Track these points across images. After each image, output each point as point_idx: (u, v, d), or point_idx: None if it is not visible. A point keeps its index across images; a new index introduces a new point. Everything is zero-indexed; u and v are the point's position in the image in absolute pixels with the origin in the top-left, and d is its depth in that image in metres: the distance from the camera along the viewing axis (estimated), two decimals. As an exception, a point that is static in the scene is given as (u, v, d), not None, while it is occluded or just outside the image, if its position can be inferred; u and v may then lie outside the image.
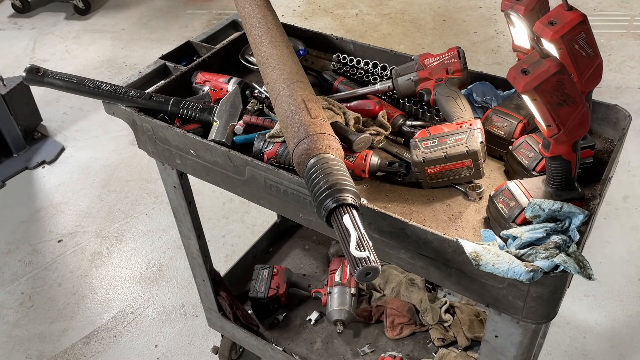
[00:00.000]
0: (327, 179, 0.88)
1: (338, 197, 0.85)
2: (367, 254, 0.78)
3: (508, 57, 3.40)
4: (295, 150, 0.97)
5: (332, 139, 0.98)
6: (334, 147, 0.97)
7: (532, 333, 0.96)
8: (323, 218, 0.87)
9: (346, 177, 0.90)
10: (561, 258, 0.81)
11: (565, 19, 0.91)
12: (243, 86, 1.31)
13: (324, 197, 0.86)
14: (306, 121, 0.99)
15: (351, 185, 0.88)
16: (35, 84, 1.24)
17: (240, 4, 1.30)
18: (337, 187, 0.87)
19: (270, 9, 1.30)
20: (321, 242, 2.00)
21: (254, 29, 1.24)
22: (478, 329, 1.63)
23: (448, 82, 1.15)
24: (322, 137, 0.96)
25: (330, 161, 0.92)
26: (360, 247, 0.79)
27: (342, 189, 0.86)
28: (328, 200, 0.86)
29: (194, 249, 1.53)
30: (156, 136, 1.24)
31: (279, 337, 1.70)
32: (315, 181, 0.90)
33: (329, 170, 0.90)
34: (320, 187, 0.88)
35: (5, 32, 4.15)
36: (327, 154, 0.95)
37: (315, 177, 0.90)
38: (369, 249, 0.79)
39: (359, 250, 0.79)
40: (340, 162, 0.94)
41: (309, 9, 4.19)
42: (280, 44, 1.19)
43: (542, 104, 0.87)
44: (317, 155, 0.94)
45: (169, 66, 1.42)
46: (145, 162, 2.80)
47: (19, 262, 2.34)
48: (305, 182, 0.94)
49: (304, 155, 0.95)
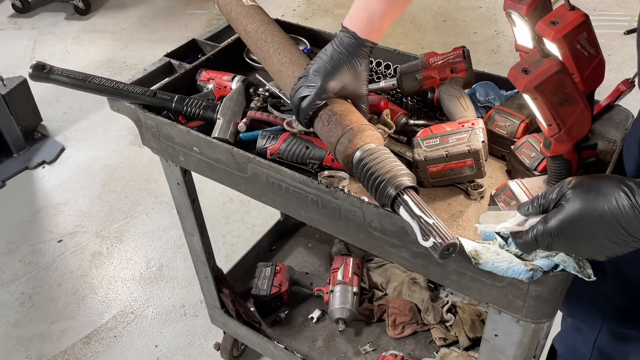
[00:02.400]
0: (380, 167, 0.90)
1: (397, 183, 0.86)
2: (432, 240, 0.78)
3: (508, 57, 3.40)
4: (338, 146, 0.98)
5: (372, 129, 1.00)
6: (376, 136, 0.99)
7: (531, 332, 0.96)
8: (388, 206, 0.89)
9: (397, 163, 0.91)
10: (561, 257, 0.81)
11: (567, 19, 0.91)
12: (247, 84, 1.32)
13: (383, 186, 0.88)
14: (342, 115, 1.01)
15: (404, 169, 0.90)
16: (41, 81, 1.25)
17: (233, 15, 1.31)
18: (393, 174, 0.88)
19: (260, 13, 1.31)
20: (324, 240, 2.00)
21: (253, 30, 1.25)
22: (480, 329, 1.63)
23: (452, 81, 1.15)
24: (363, 128, 0.98)
25: (377, 150, 0.94)
26: (425, 235, 0.79)
27: (399, 175, 0.88)
28: (388, 188, 0.87)
29: (197, 245, 1.53)
30: (160, 133, 1.24)
31: (280, 335, 1.70)
32: (369, 172, 0.91)
33: (380, 159, 0.91)
34: (377, 177, 0.89)
35: (5, 32, 4.14)
36: (372, 143, 0.96)
37: (368, 168, 0.91)
38: (435, 232, 0.78)
39: (425, 240, 0.79)
40: (386, 149, 0.95)
41: (309, 9, 4.19)
42: (280, 38, 1.21)
43: (542, 103, 0.87)
44: (361, 147, 0.95)
45: (173, 64, 1.43)
46: (146, 162, 2.80)
47: (19, 262, 2.34)
48: (357, 174, 0.96)
49: (349, 149, 0.96)
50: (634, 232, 0.68)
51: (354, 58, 1.01)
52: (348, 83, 1.03)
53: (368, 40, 1.00)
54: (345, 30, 1.02)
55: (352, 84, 1.03)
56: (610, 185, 0.70)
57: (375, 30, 1.00)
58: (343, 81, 1.02)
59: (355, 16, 1.00)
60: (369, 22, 0.99)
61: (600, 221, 0.69)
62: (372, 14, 0.99)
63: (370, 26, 1.00)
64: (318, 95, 1.01)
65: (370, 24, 0.99)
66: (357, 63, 1.02)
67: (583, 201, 0.71)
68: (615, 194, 0.68)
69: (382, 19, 1.00)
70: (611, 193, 0.69)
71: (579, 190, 0.72)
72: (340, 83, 1.02)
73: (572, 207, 0.71)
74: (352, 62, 1.01)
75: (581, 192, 0.72)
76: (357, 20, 1.00)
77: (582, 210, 0.70)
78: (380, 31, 1.01)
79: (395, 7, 1.00)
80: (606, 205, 0.68)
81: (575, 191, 0.72)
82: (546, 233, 0.74)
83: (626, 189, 0.68)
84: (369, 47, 1.01)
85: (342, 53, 1.01)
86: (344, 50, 1.01)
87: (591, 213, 0.70)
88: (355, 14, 1.00)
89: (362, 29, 1.00)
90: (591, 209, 0.70)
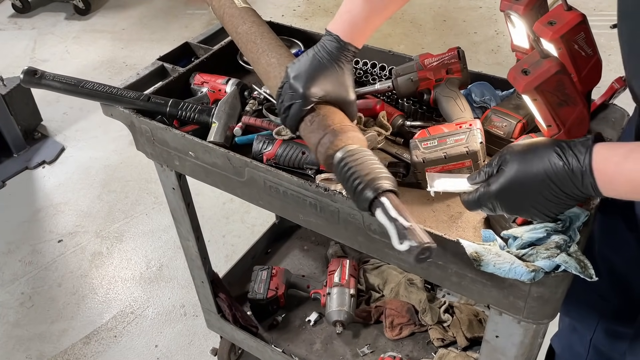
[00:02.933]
0: (360, 169, 0.88)
1: (375, 185, 0.85)
2: (408, 243, 0.77)
3: (508, 57, 3.40)
4: (319, 147, 0.96)
5: (355, 130, 0.98)
6: (358, 137, 0.96)
7: (533, 333, 0.96)
8: (366, 209, 0.87)
9: (378, 165, 0.89)
10: (562, 258, 0.81)
11: (564, 19, 0.91)
12: (242, 87, 1.31)
13: (361, 188, 0.86)
14: (324, 117, 0.99)
15: (384, 171, 0.88)
16: (33, 86, 1.24)
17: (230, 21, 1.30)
18: (372, 176, 0.86)
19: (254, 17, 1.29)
20: (320, 242, 2.00)
21: (244, 31, 1.24)
22: (477, 329, 1.63)
23: (448, 82, 1.15)
24: (345, 129, 0.96)
25: (358, 152, 0.91)
26: (401, 238, 0.78)
27: (378, 177, 0.86)
28: (367, 190, 0.85)
29: (193, 250, 1.53)
30: (155, 138, 1.24)
31: (278, 338, 1.70)
32: (348, 173, 0.89)
33: (360, 161, 0.89)
34: (355, 179, 0.87)
35: (5, 32, 4.15)
36: (353, 145, 0.94)
37: (348, 169, 0.89)
38: (411, 235, 0.77)
39: (401, 243, 0.78)
40: (368, 151, 0.93)
41: (309, 9, 4.19)
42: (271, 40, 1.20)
43: (542, 104, 0.87)
44: (343, 147, 0.93)
45: (166, 67, 1.42)
46: (146, 162, 2.78)
47: (19, 262, 2.34)
48: (337, 176, 0.93)
49: (330, 150, 0.94)
50: (566, 188, 0.74)
51: (335, 62, 0.98)
52: (331, 89, 1.00)
53: (351, 44, 0.98)
54: (328, 34, 0.99)
55: (336, 89, 1.00)
56: (544, 146, 0.76)
57: (358, 34, 0.98)
58: (325, 87, 0.99)
59: (339, 19, 0.98)
60: (352, 25, 0.97)
61: (535, 180, 0.75)
62: (355, 17, 0.97)
63: (353, 29, 0.97)
64: (301, 105, 0.99)
65: (353, 27, 0.97)
66: (340, 68, 0.99)
67: (519, 163, 0.77)
68: (548, 155, 0.74)
69: (366, 23, 0.97)
70: (545, 154, 0.75)
71: (516, 154, 0.78)
72: (322, 89, 0.99)
73: (510, 170, 0.77)
74: (334, 66, 0.98)
75: (518, 155, 0.77)
76: (341, 24, 0.98)
77: (519, 171, 0.76)
78: (363, 35, 0.99)
79: (379, 11, 0.98)
80: (541, 165, 0.74)
81: (512, 155, 0.78)
82: (487, 195, 0.80)
83: (558, 150, 0.74)
84: (351, 52, 0.99)
85: (324, 57, 0.98)
86: (325, 55, 0.98)
87: (527, 174, 0.76)
88: (339, 17, 0.99)
89: (345, 32, 0.97)
90: (527, 170, 0.76)
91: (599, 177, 0.71)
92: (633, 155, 0.68)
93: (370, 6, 0.96)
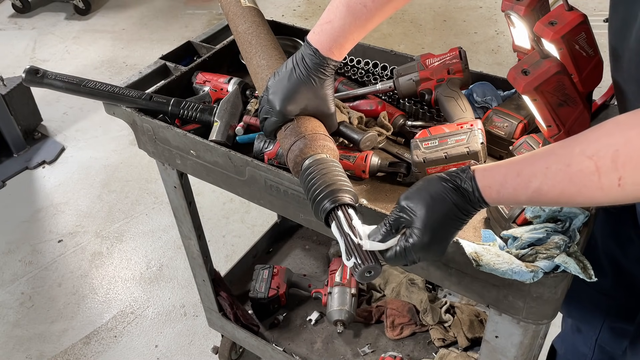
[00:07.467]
0: (323, 180, 0.87)
1: (334, 197, 0.84)
2: (353, 260, 0.77)
3: (508, 57, 3.40)
4: (290, 154, 0.96)
5: (326, 139, 0.96)
6: (329, 147, 0.96)
7: (532, 333, 0.96)
8: (322, 220, 0.86)
9: (342, 177, 0.89)
10: (562, 258, 0.81)
11: (565, 19, 0.91)
12: (243, 86, 1.31)
13: (320, 198, 0.86)
14: (298, 124, 0.98)
15: (348, 185, 0.87)
16: (35, 85, 1.24)
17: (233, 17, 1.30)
18: (333, 188, 0.86)
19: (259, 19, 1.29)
20: (321, 242, 2.00)
21: (242, 31, 1.24)
22: (478, 329, 1.63)
23: (449, 82, 1.15)
24: (316, 138, 0.95)
25: (325, 162, 0.91)
26: (348, 254, 0.78)
27: (339, 189, 0.85)
28: (325, 201, 0.85)
29: (194, 249, 1.53)
30: (156, 136, 1.24)
31: (279, 337, 1.70)
32: (311, 182, 0.89)
33: (325, 171, 0.89)
34: (317, 188, 0.87)
35: (5, 32, 4.15)
36: (322, 154, 0.93)
37: (311, 178, 0.89)
38: (357, 253, 0.77)
39: (348, 259, 0.78)
40: (336, 162, 0.93)
41: (309, 9, 4.19)
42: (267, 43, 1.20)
43: (542, 105, 0.87)
44: (311, 156, 0.93)
45: (169, 66, 1.42)
46: (146, 162, 2.80)
47: (19, 262, 2.34)
48: (301, 183, 0.93)
49: (299, 157, 0.94)
50: (467, 211, 0.75)
51: (314, 77, 0.95)
52: (309, 104, 0.97)
53: (330, 59, 0.94)
54: (307, 45, 0.95)
55: (314, 104, 0.98)
56: (434, 183, 0.76)
57: (338, 47, 0.94)
58: (303, 103, 0.97)
59: (319, 30, 0.94)
60: (332, 39, 0.93)
61: (448, 213, 0.74)
62: (336, 30, 0.92)
63: (332, 43, 0.93)
64: (277, 122, 0.98)
65: (333, 40, 0.93)
66: (319, 81, 0.96)
67: (426, 210, 0.75)
68: (441, 190, 0.75)
69: (347, 36, 0.93)
70: (439, 189, 0.75)
71: (417, 201, 0.76)
72: (299, 105, 0.97)
73: (421, 215, 0.75)
74: (311, 82, 0.95)
75: (419, 201, 0.76)
76: (321, 35, 0.94)
77: (428, 214, 0.75)
78: (343, 48, 0.95)
79: (361, 24, 0.93)
80: (444, 201, 0.74)
81: (414, 204, 0.76)
82: (413, 248, 0.76)
83: (443, 181, 0.75)
84: (331, 67, 0.95)
85: (301, 74, 0.95)
86: (302, 71, 0.95)
87: (436, 213, 0.75)
88: (319, 27, 0.94)
89: (323, 45, 0.93)
90: (434, 210, 0.75)
91: (487, 198, 0.73)
92: (508, 183, 0.70)
93: (352, 19, 0.91)
